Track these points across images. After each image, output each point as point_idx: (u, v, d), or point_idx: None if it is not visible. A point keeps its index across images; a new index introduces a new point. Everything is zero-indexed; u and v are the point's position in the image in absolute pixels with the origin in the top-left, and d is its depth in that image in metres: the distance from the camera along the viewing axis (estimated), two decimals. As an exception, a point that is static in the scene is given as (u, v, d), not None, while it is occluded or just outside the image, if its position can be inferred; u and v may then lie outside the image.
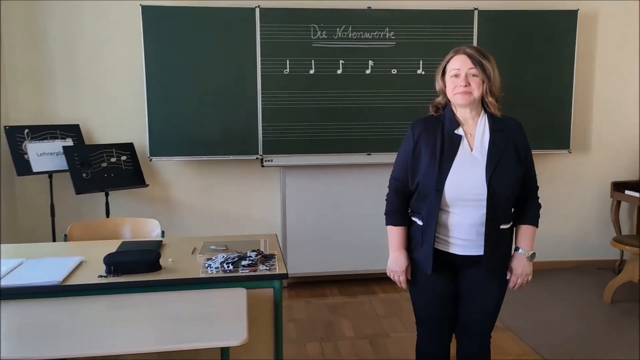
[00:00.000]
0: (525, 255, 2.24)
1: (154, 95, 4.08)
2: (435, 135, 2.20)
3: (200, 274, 2.35)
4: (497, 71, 2.18)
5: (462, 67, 2.14)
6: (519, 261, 2.25)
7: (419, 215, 2.24)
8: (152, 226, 3.06)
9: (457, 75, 2.14)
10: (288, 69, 4.17)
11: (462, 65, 2.14)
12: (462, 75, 2.13)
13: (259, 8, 4.09)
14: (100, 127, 4.27)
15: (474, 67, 2.12)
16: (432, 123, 2.25)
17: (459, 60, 2.15)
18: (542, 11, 4.40)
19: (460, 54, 2.16)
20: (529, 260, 2.24)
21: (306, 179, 4.43)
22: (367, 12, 4.20)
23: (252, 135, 4.20)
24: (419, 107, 4.28)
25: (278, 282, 2.38)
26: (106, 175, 4.00)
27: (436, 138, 2.19)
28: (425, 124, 2.26)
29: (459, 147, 2.17)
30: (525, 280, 2.26)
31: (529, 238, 2.26)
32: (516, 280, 2.26)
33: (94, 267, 2.40)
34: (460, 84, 2.13)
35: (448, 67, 2.19)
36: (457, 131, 2.19)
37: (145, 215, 4.21)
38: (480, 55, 2.15)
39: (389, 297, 4.29)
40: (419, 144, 2.21)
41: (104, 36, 4.18)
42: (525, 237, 2.26)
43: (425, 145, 2.20)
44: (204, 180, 4.43)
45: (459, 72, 2.14)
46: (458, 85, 2.13)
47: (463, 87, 2.12)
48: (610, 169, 4.82)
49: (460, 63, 2.14)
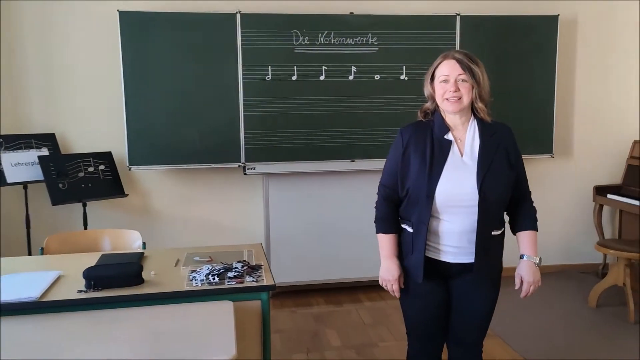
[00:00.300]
0: (533, 262, 2.20)
1: (132, 103, 3.99)
2: (424, 140, 2.16)
3: (184, 287, 2.27)
4: (486, 76, 2.15)
5: (451, 72, 2.10)
6: (528, 268, 2.20)
7: (409, 223, 2.20)
8: (133, 237, 2.96)
9: (446, 81, 2.11)
10: (270, 75, 4.11)
11: (451, 71, 2.10)
12: (451, 81, 2.10)
13: (240, 14, 4.02)
14: (77, 136, 4.15)
15: (463, 72, 2.09)
16: (421, 128, 2.21)
17: (448, 66, 2.11)
18: (523, 16, 4.41)
19: (449, 59, 2.12)
20: (537, 267, 2.20)
21: (289, 186, 4.36)
22: (350, 18, 4.16)
23: (234, 142, 4.12)
24: (402, 113, 4.26)
25: (266, 293, 2.31)
26: (83, 185, 3.88)
27: (426, 143, 2.15)
28: (415, 129, 2.21)
29: (449, 152, 2.13)
30: (537, 287, 2.21)
31: (533, 244, 2.22)
32: (528, 289, 2.20)
33: (73, 282, 2.30)
34: (449, 90, 2.09)
35: (437, 72, 2.16)
36: (447, 136, 2.15)
37: (125, 226, 4.11)
38: (469, 60, 2.11)
39: (375, 305, 4.23)
40: (409, 150, 2.17)
41: (80, 42, 4.08)
42: (530, 243, 2.22)
43: (414, 151, 2.15)
44: (185, 189, 4.33)
45: (448, 78, 2.10)
46: (447, 91, 2.10)
47: (452, 92, 2.09)
48: (592, 173, 4.85)
49: (449, 68, 2.11)
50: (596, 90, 4.79)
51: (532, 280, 2.19)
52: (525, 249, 2.23)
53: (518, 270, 2.23)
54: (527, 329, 3.77)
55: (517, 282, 2.23)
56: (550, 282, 4.62)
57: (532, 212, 2.26)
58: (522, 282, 2.21)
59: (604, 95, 4.81)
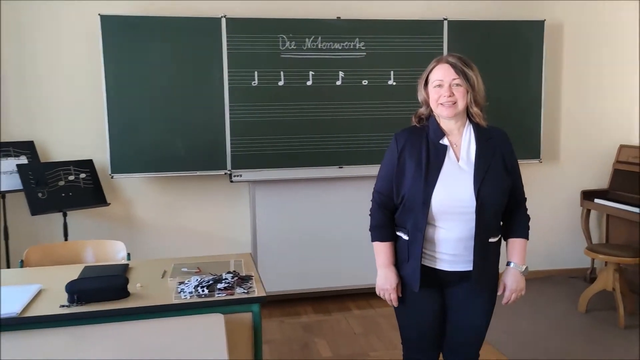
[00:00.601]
0: (519, 270, 2.17)
1: (114, 109, 3.88)
2: (420, 145, 2.11)
3: (172, 299, 2.18)
4: (481, 80, 2.11)
5: (445, 77, 2.06)
6: (512, 276, 2.17)
7: (405, 230, 2.14)
8: (117, 248, 2.86)
9: (440, 86, 2.07)
10: (256, 80, 4.04)
11: (445, 75, 2.06)
12: (445, 86, 2.05)
13: (225, 18, 3.95)
14: (57, 144, 4.03)
15: (457, 76, 2.05)
16: (416, 133, 2.16)
17: (442, 70, 2.07)
18: (509, 21, 4.40)
19: (443, 63, 2.08)
20: (522, 275, 2.16)
21: (276, 194, 4.28)
22: (337, 22, 4.11)
23: (219, 149, 4.04)
24: (391, 119, 4.22)
25: (257, 305, 2.23)
26: (64, 194, 3.76)
27: (421, 149, 2.10)
28: (410, 134, 2.16)
29: (444, 157, 2.09)
30: (519, 295, 2.18)
31: (521, 252, 2.18)
32: (510, 296, 2.18)
33: (55, 296, 2.20)
34: (444, 95, 2.05)
35: (430, 77, 2.12)
36: (442, 141, 2.11)
37: (107, 236, 4.01)
38: (463, 64, 2.08)
39: (364, 313, 4.17)
40: (404, 155, 2.12)
41: (60, 47, 3.96)
42: (517, 250, 2.19)
43: (410, 157, 2.10)
44: (170, 197, 4.23)
45: (442, 82, 2.06)
46: (442, 95, 2.06)
47: (447, 97, 2.04)
48: (579, 178, 4.84)
49: (443, 73, 2.07)
50: (582, 94, 4.80)
51: (515, 288, 2.17)
52: (513, 256, 2.19)
53: (503, 277, 2.20)
54: (517, 334, 3.73)
55: (501, 289, 2.21)
56: (539, 287, 4.60)
57: (525, 220, 2.22)
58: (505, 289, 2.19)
59: (590, 99, 4.82)
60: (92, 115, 4.01)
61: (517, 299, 2.19)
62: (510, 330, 3.77)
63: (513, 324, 3.88)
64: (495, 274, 2.18)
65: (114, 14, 3.85)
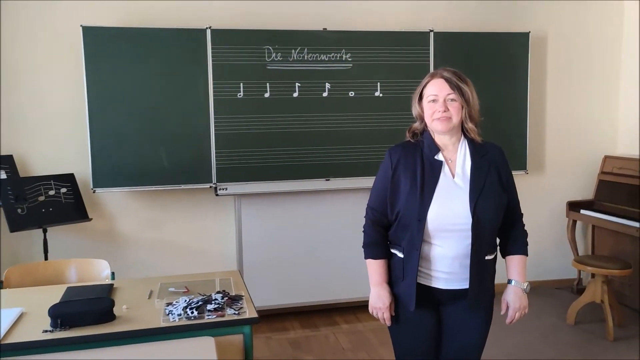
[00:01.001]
0: (520, 288, 2.12)
1: (97, 122, 3.78)
2: (414, 161, 2.07)
3: (161, 322, 2.10)
4: (476, 95, 2.08)
5: (439, 91, 2.03)
6: (514, 294, 2.12)
7: (400, 248, 2.10)
8: (101, 267, 2.77)
9: (434, 101, 2.04)
10: (242, 92, 3.98)
11: (440, 90, 2.03)
12: (440, 101, 2.02)
13: (210, 29, 3.88)
14: (36, 157, 3.92)
15: (452, 91, 2.02)
16: (410, 149, 2.12)
17: (437, 85, 2.04)
18: (495, 33, 4.41)
19: (438, 77, 2.05)
20: (524, 293, 2.12)
21: (263, 206, 4.21)
22: (323, 34, 4.07)
23: (205, 162, 3.96)
24: (377, 130, 4.19)
25: (248, 327, 2.16)
26: (44, 209, 3.65)
27: (416, 164, 2.06)
28: (404, 149, 2.12)
29: (440, 173, 2.05)
30: (523, 313, 2.13)
31: (522, 269, 2.14)
32: (514, 315, 2.13)
33: (37, 320, 2.11)
34: (438, 110, 2.02)
35: (425, 91, 2.08)
36: (437, 157, 2.07)
37: (88, 252, 3.91)
38: (458, 78, 2.05)
39: (352, 328, 4.11)
40: (398, 171, 2.08)
41: (41, 59, 3.85)
42: (519, 268, 2.14)
43: (404, 172, 2.06)
44: (153, 212, 4.13)
45: (437, 97, 2.03)
46: (436, 110, 2.02)
47: (441, 112, 2.01)
48: (564, 189, 4.85)
49: (437, 87, 2.04)
50: (566, 106, 4.82)
51: (519, 306, 2.13)
52: (513, 273, 2.15)
53: (505, 295, 2.16)
54: (508, 348, 3.70)
55: (503, 308, 2.16)
56: (527, 298, 4.58)
57: (524, 237, 2.19)
58: (508, 308, 2.14)
59: (574, 111, 4.84)
60: (73, 128, 3.90)
61: (521, 317, 2.15)
62: (499, 342, 3.74)
63: (502, 335, 3.85)
64: (491, 292, 2.15)
65: (97, 25, 3.77)
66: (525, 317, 2.18)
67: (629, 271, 3.84)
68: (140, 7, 3.94)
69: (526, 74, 4.48)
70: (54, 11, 3.84)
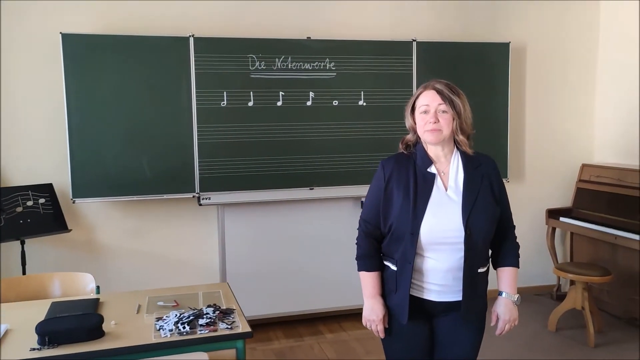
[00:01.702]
0: (511, 300, 2.14)
1: (76, 131, 3.70)
2: (407, 173, 2.07)
3: (152, 338, 2.06)
4: (469, 107, 2.09)
5: (431, 102, 2.04)
6: (505, 306, 2.14)
7: (393, 260, 2.09)
8: (85, 281, 2.70)
9: (426, 112, 2.04)
10: (225, 101, 3.94)
11: (432, 101, 2.04)
12: (431, 112, 2.03)
13: (193, 37, 3.84)
14: (12, 167, 3.81)
15: (443, 102, 2.03)
16: (403, 161, 2.11)
17: (428, 96, 2.05)
18: (476, 43, 4.46)
19: (430, 89, 2.07)
20: (515, 305, 2.14)
21: (246, 216, 4.18)
22: (307, 42, 4.06)
23: (187, 172, 3.91)
24: (361, 139, 4.20)
25: (242, 341, 2.14)
26: (22, 221, 3.56)
27: (409, 177, 2.06)
28: (396, 162, 2.12)
29: (433, 186, 2.05)
30: (513, 325, 2.15)
31: (513, 281, 2.16)
32: (503, 327, 2.14)
33: (23, 337, 2.05)
34: (429, 121, 2.02)
35: (417, 102, 2.09)
36: (430, 169, 2.07)
37: (67, 265, 3.84)
38: (450, 90, 2.06)
39: (337, 337, 4.09)
40: (391, 184, 2.07)
41: (19, 66, 3.75)
42: (508, 280, 2.16)
43: (397, 185, 2.06)
44: (135, 222, 4.05)
45: (428, 109, 2.04)
46: (427, 122, 2.03)
47: (432, 123, 2.02)
48: (543, 197, 4.92)
49: (429, 99, 2.05)
50: (544, 115, 4.89)
51: (509, 318, 2.14)
52: (504, 285, 2.17)
53: (495, 307, 2.17)
54: (489, 354, 3.72)
55: (493, 319, 2.17)
56: (508, 305, 4.62)
57: (515, 249, 2.21)
58: (498, 319, 2.16)
59: (552, 120, 4.92)
60: (51, 137, 3.82)
61: (510, 329, 2.16)
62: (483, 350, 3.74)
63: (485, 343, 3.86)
64: (483, 305, 2.15)
65: (77, 32, 3.69)
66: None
67: (609, 278, 3.91)
68: (122, 14, 3.87)
69: (506, 84, 4.53)
70: (32, 18, 3.75)
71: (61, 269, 3.71)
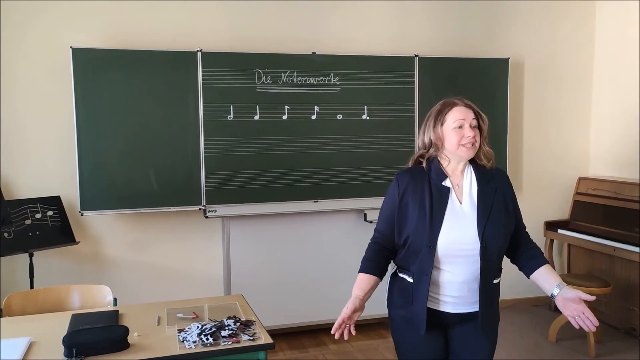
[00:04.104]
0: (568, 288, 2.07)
1: (85, 144, 3.73)
2: (422, 187, 2.11)
3: (177, 349, 2.09)
4: None
5: (466, 117, 2.09)
6: (571, 292, 2.04)
7: (409, 273, 2.13)
8: (103, 293, 2.71)
9: (461, 127, 2.08)
10: (232, 114, 3.99)
11: (467, 116, 2.09)
12: (466, 126, 2.08)
13: (201, 52, 3.90)
14: (20, 180, 3.82)
15: (475, 118, 2.10)
16: (418, 175, 2.15)
17: (462, 111, 2.10)
18: (476, 59, 4.56)
19: (461, 105, 2.12)
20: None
21: (251, 228, 4.22)
22: (312, 57, 4.14)
23: (194, 184, 3.95)
24: (365, 152, 4.27)
25: (263, 352, 2.17)
26: (31, 233, 3.58)
27: (424, 190, 2.10)
28: (411, 175, 2.15)
29: (448, 199, 2.10)
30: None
31: (556, 274, 2.15)
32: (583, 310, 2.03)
33: (48, 349, 2.07)
34: (467, 135, 2.07)
35: (449, 117, 2.10)
36: (445, 183, 2.12)
37: (74, 278, 3.85)
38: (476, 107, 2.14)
39: (341, 349, 4.13)
40: (406, 197, 2.11)
41: (29, 80, 3.78)
42: (554, 274, 2.13)
43: (412, 199, 2.10)
44: (142, 234, 4.07)
45: (464, 123, 2.08)
46: (465, 136, 2.07)
47: (471, 137, 2.07)
48: (541, 209, 5.01)
49: (464, 113, 2.09)
50: (542, 129, 5.00)
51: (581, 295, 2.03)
52: (554, 280, 2.09)
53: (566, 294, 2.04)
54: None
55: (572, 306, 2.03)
56: (506, 316, 4.68)
57: (538, 249, 2.23)
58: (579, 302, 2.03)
59: (549, 133, 5.03)
60: (60, 150, 3.85)
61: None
62: (488, 362, 3.81)
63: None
64: (497, 316, 2.19)
65: (87, 47, 3.73)
66: (507, 334, 2.17)
67: (608, 289, 3.99)
68: (131, 29, 3.93)
69: (505, 99, 4.63)
70: (43, 32, 3.79)
71: (68, 281, 3.72)
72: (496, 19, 4.77)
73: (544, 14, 4.90)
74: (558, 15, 4.94)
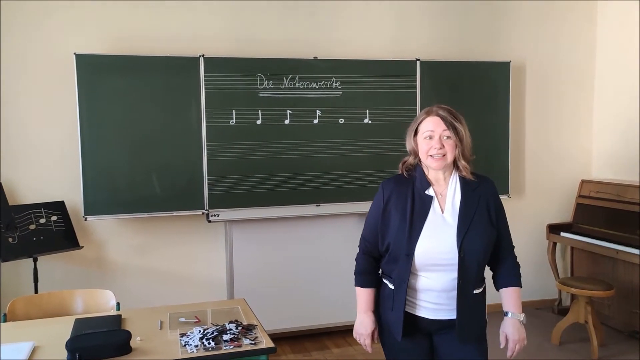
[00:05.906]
0: (518, 319, 2.15)
1: (89, 149, 3.76)
2: (406, 196, 2.11)
3: (179, 354, 2.10)
4: (468, 132, 2.12)
5: (435, 128, 2.07)
6: (512, 326, 2.14)
7: (390, 279, 2.15)
8: (106, 298, 2.73)
9: (430, 137, 2.08)
10: (234, 119, 4.01)
11: (436, 127, 2.07)
12: (435, 137, 2.07)
13: (203, 57, 3.92)
14: (24, 185, 3.85)
15: (447, 129, 2.07)
16: (402, 183, 2.16)
17: (433, 122, 2.08)
18: (478, 62, 4.57)
19: (434, 115, 2.09)
20: (522, 324, 2.15)
21: (253, 232, 4.24)
22: (314, 62, 4.16)
23: (197, 189, 3.97)
24: (366, 156, 4.28)
25: (265, 357, 2.18)
26: (35, 238, 3.60)
27: (407, 199, 2.10)
28: (396, 183, 2.16)
29: (429, 208, 2.09)
30: (522, 345, 2.15)
31: (517, 300, 2.17)
32: (514, 347, 2.14)
33: (51, 354, 2.09)
34: (434, 147, 2.06)
35: (421, 127, 2.12)
36: (427, 192, 2.12)
37: (78, 282, 3.87)
38: (453, 117, 2.09)
39: (344, 352, 4.13)
40: (390, 205, 2.13)
41: (32, 85, 3.82)
42: (514, 300, 2.17)
43: (395, 207, 2.11)
44: (145, 239, 4.10)
45: (433, 134, 2.07)
46: (432, 147, 2.07)
47: (437, 149, 2.06)
48: (543, 212, 5.01)
49: (433, 124, 2.08)
50: (544, 132, 5.01)
51: (518, 338, 2.13)
52: (509, 305, 2.17)
53: (503, 328, 2.16)
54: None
55: (502, 341, 2.17)
56: (510, 319, 4.69)
57: (516, 269, 2.21)
58: (507, 341, 2.15)
59: (551, 136, 5.03)
60: (64, 155, 3.87)
61: (521, 349, 2.15)
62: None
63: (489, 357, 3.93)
64: (483, 325, 2.17)
65: (90, 53, 3.76)
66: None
67: (611, 292, 3.99)
68: (134, 34, 3.95)
69: (507, 102, 4.64)
70: (46, 38, 3.82)
71: (72, 285, 3.74)
72: (497, 23, 4.79)
73: (545, 17, 4.91)
74: (559, 18, 4.95)
